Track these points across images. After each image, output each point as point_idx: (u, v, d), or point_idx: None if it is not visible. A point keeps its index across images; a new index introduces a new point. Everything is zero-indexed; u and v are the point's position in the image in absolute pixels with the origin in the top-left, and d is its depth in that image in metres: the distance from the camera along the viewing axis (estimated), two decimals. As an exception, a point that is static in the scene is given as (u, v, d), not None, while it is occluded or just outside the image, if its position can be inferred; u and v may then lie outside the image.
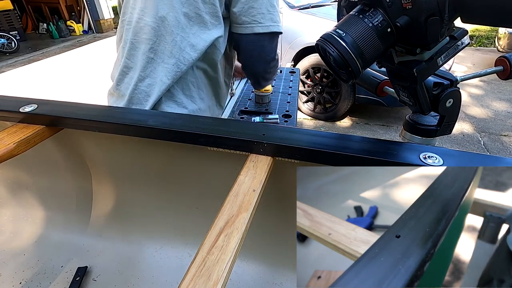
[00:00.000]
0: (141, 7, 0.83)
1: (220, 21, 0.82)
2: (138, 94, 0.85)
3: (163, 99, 0.85)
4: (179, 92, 0.86)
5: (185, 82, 0.86)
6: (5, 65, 5.82)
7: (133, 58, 0.86)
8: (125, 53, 0.86)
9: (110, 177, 0.89)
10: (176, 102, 0.86)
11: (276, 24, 0.84)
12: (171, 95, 0.86)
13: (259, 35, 0.83)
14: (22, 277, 0.86)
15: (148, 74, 0.84)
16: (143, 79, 0.84)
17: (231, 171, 0.57)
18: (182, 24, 0.80)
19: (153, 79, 0.84)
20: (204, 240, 0.40)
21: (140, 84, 0.84)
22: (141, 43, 0.84)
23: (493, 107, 3.52)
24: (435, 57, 0.46)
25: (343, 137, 0.53)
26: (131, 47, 0.85)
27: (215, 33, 0.82)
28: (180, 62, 0.82)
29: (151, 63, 0.83)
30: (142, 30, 0.82)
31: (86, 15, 8.19)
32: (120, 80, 0.89)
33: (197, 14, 0.79)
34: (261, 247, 0.81)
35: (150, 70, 0.84)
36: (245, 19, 0.81)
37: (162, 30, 0.80)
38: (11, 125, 0.68)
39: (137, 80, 0.84)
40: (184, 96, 0.87)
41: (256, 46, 0.86)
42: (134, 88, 0.85)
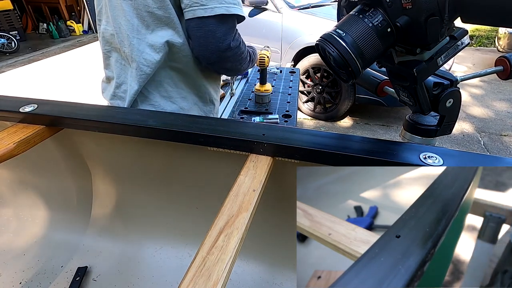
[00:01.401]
0: (105, 18, 0.86)
1: (174, 13, 0.76)
2: (117, 99, 0.89)
3: (139, 103, 0.86)
4: (155, 95, 0.86)
5: (159, 84, 0.85)
6: (5, 65, 5.81)
7: (109, 67, 0.91)
8: (103, 63, 0.91)
9: (110, 177, 0.89)
10: (153, 105, 0.86)
11: (224, 5, 0.72)
12: (145, 98, 0.86)
13: (203, 19, 0.73)
14: (22, 277, 0.86)
15: (123, 81, 0.87)
16: (119, 85, 0.88)
17: (231, 171, 0.57)
18: (136, 26, 0.78)
19: (126, 84, 0.86)
20: (204, 240, 0.40)
21: (117, 90, 0.88)
22: (112, 52, 0.88)
23: (493, 107, 3.52)
24: (435, 57, 0.46)
25: (343, 137, 0.53)
26: (105, 57, 0.90)
27: (171, 28, 0.78)
28: (142, 64, 0.80)
29: (123, 69, 0.86)
30: (109, 39, 0.86)
31: (86, 15, 8.18)
32: (104, 88, 0.96)
33: (149, 13, 0.76)
34: (261, 247, 0.81)
35: (124, 76, 0.87)
36: (187, 1, 0.73)
37: (121, 36, 0.81)
38: (11, 125, 0.68)
39: (115, 87, 0.88)
40: (162, 98, 0.86)
41: (202, 32, 0.75)
42: (113, 95, 0.89)
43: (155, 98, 0.86)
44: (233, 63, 0.84)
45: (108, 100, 0.93)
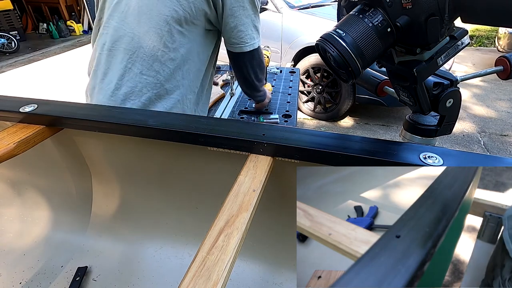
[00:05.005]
0: (121, 16, 0.85)
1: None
2: (116, 99, 0.88)
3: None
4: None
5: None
6: (5, 65, 5.81)
7: (111, 65, 0.88)
8: (102, 59, 0.89)
9: (110, 177, 0.89)
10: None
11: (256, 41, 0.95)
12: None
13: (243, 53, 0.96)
14: (22, 277, 0.86)
15: (124, 83, 0.86)
16: (119, 87, 0.87)
17: (231, 171, 0.57)
18: (165, 39, 0.83)
19: (129, 88, 0.86)
20: (204, 240, 0.40)
21: (117, 91, 0.87)
22: (118, 51, 0.86)
23: (493, 107, 3.52)
24: (435, 57, 0.46)
25: (343, 137, 0.53)
26: (109, 54, 0.88)
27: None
28: (159, 75, 0.86)
29: (128, 72, 0.86)
30: (121, 38, 0.85)
31: (86, 15, 8.17)
32: (99, 82, 0.91)
33: (178, 30, 0.83)
34: (261, 247, 0.81)
35: (127, 80, 0.86)
36: (234, 40, 0.93)
37: (142, 43, 0.83)
38: (11, 125, 0.68)
39: (114, 88, 0.87)
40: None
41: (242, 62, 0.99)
42: (111, 95, 0.87)
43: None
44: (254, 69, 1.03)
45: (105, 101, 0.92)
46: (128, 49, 0.84)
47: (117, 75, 0.86)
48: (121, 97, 0.87)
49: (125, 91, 0.86)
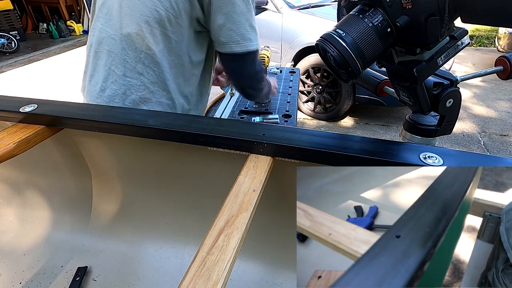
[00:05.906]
0: (105, 18, 0.84)
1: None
2: (101, 102, 0.86)
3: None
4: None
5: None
6: (5, 65, 5.81)
7: (97, 67, 0.87)
8: (90, 61, 0.88)
9: (110, 177, 0.89)
10: None
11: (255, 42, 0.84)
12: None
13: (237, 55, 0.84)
14: (22, 277, 0.86)
15: (108, 86, 0.85)
16: (104, 89, 0.86)
17: (231, 171, 0.57)
18: (147, 41, 0.80)
19: (113, 91, 0.85)
20: (204, 240, 0.40)
21: (102, 93, 0.86)
22: (102, 53, 0.85)
23: (493, 107, 3.52)
24: (435, 57, 0.46)
25: (343, 137, 0.53)
26: (95, 56, 0.86)
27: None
28: (144, 77, 0.83)
29: (112, 74, 0.84)
30: (104, 40, 0.84)
31: (86, 15, 8.17)
32: (87, 83, 0.91)
33: (164, 34, 0.80)
34: (261, 247, 0.81)
35: (110, 82, 0.84)
36: (223, 39, 0.83)
37: (125, 45, 0.81)
38: (11, 125, 0.68)
39: (99, 90, 0.86)
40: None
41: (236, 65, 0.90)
42: (97, 97, 0.86)
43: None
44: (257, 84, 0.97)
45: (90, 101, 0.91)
46: (111, 51, 0.82)
47: (102, 77, 0.85)
48: (105, 99, 0.85)
49: (109, 94, 0.84)
